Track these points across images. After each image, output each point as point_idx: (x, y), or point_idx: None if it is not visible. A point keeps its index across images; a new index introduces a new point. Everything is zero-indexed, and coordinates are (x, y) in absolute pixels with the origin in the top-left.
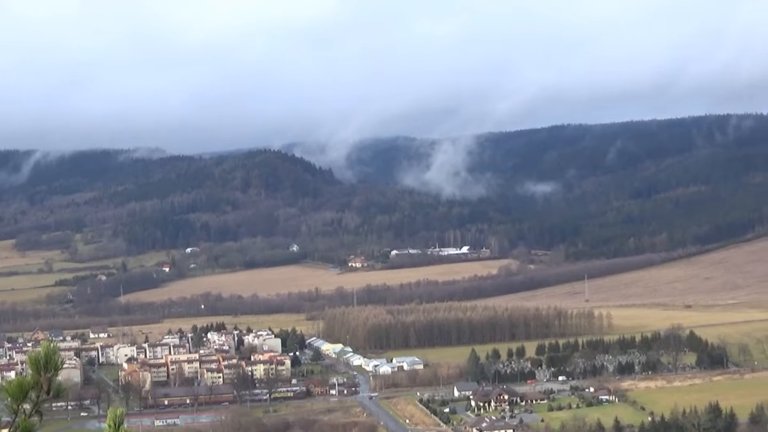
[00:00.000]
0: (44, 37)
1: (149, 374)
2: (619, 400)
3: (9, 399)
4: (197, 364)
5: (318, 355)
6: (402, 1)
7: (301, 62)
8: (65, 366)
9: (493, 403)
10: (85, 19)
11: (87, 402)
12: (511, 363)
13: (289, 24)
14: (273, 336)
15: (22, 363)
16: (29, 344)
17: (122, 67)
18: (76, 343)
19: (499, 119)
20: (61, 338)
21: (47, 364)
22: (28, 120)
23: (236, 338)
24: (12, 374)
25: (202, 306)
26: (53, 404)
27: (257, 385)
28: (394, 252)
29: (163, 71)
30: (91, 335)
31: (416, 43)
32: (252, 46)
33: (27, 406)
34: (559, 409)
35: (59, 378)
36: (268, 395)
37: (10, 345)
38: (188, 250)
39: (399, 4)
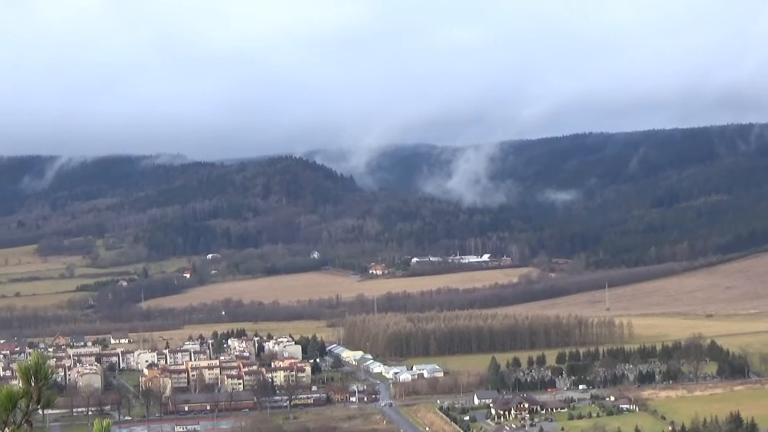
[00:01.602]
0: (69, 43)
1: (170, 380)
2: (639, 410)
3: None
4: (218, 371)
5: (338, 362)
6: (427, 8)
7: (326, 69)
8: (86, 371)
9: (513, 412)
10: (110, 26)
11: (107, 407)
12: (531, 371)
13: (314, 30)
14: (293, 343)
15: None
16: (50, 349)
17: (146, 73)
18: (97, 349)
19: (521, 127)
20: (82, 344)
21: (37, 374)
22: (53, 125)
23: (257, 345)
24: None
25: (223, 312)
26: (74, 409)
27: (277, 391)
28: (414, 259)
29: (187, 77)
30: (112, 341)
31: (441, 50)
32: (276, 52)
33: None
34: (580, 418)
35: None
36: (288, 402)
37: (31, 350)
38: (209, 256)
39: (424, 11)
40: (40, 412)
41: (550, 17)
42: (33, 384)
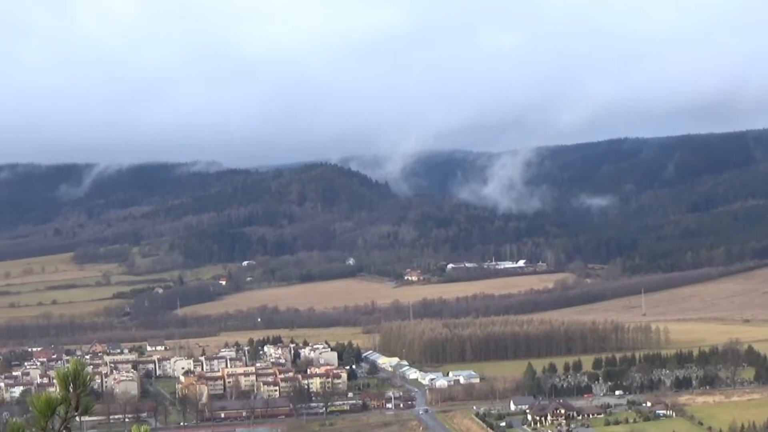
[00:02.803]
0: (107, 51)
1: (206, 387)
2: (676, 415)
3: (37, 415)
4: (254, 378)
5: (374, 368)
6: (465, 12)
7: (362, 74)
8: (123, 379)
9: (549, 417)
10: (147, 33)
11: (144, 414)
12: (567, 377)
13: (351, 36)
14: (329, 349)
15: None
16: (87, 357)
17: (183, 81)
18: (133, 356)
19: (559, 132)
20: (118, 351)
21: (76, 381)
22: (91, 133)
23: (293, 351)
24: None
25: (259, 319)
26: (110, 416)
27: (313, 398)
28: (450, 265)
29: (224, 84)
30: (149, 348)
31: (478, 54)
32: (313, 58)
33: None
34: (616, 423)
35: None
36: (324, 408)
37: (68, 358)
38: (245, 263)
39: (462, 16)
40: (78, 418)
41: (589, 22)
42: (71, 391)
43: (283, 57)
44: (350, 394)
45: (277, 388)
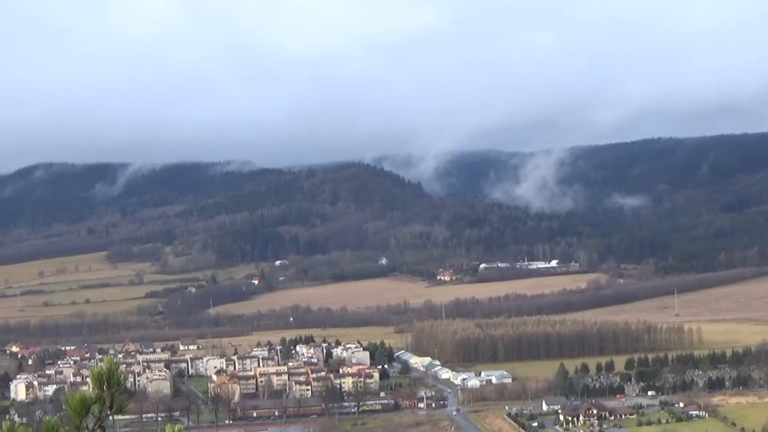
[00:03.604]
0: (142, 51)
1: (238, 386)
2: (709, 416)
3: (72, 413)
4: (286, 377)
5: (406, 368)
6: (501, 12)
7: (397, 75)
8: (156, 377)
9: (581, 418)
10: (183, 33)
11: (176, 413)
12: (599, 377)
13: (386, 36)
14: (361, 349)
15: None
16: (120, 355)
17: (219, 80)
18: (166, 355)
19: (592, 132)
20: (151, 350)
21: (110, 380)
22: (126, 133)
23: (325, 351)
24: None
25: (291, 318)
26: (143, 415)
27: (345, 397)
28: (482, 265)
29: (259, 84)
30: (181, 347)
31: (514, 55)
32: (348, 58)
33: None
34: (649, 424)
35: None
36: (356, 408)
37: (101, 356)
38: (277, 262)
39: (498, 16)
40: (111, 417)
41: (624, 21)
42: (106, 390)
43: (319, 56)
44: (382, 394)
45: (309, 387)
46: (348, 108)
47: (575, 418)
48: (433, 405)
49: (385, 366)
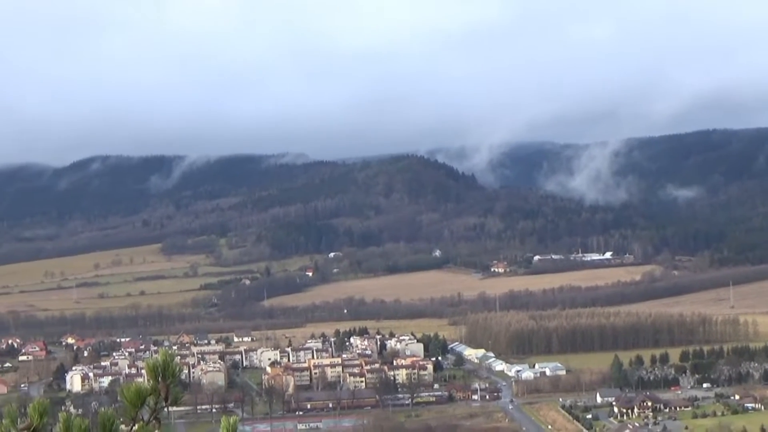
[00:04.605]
0: (198, 43)
1: (292, 378)
2: (765, 408)
3: (127, 405)
4: (340, 369)
5: (460, 360)
6: (558, 3)
7: (456, 68)
8: (210, 369)
9: (636, 410)
10: (239, 25)
11: (231, 405)
12: (654, 369)
13: (444, 28)
14: (415, 341)
15: None
16: (175, 347)
17: (274, 73)
18: (220, 347)
19: (648, 124)
20: (205, 342)
21: (165, 371)
22: (182, 126)
23: (379, 343)
24: None
25: (345, 310)
26: (198, 407)
27: (399, 389)
28: (536, 257)
29: (315, 76)
30: (235, 339)
31: (571, 46)
32: (405, 51)
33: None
34: (704, 416)
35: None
36: (410, 400)
37: (156, 348)
38: (331, 254)
39: (555, 7)
40: (166, 409)
41: (682, 12)
42: (161, 381)
43: (376, 50)
44: (436, 386)
45: (363, 379)
46: (403, 101)
47: (630, 411)
48: (487, 397)
49: (439, 358)
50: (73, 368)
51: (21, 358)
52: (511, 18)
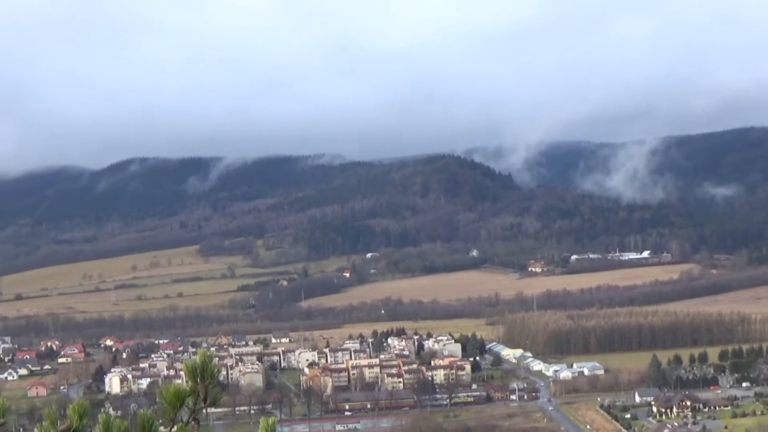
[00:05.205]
0: (235, 46)
1: (330, 379)
2: None
3: (166, 406)
4: (378, 369)
5: (498, 360)
6: (598, 2)
7: (493, 68)
8: (248, 371)
9: (675, 409)
10: (277, 27)
11: (269, 406)
12: (693, 369)
13: (483, 27)
14: (453, 341)
15: None
16: (213, 349)
17: (312, 74)
18: (258, 348)
19: (685, 122)
20: (243, 343)
21: (204, 372)
22: (219, 127)
23: (416, 343)
24: None
25: (383, 311)
26: (236, 408)
27: (437, 390)
28: (574, 257)
29: (353, 78)
30: (273, 340)
31: (610, 44)
32: (441, 51)
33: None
34: (743, 415)
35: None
36: (448, 400)
37: (194, 350)
38: (368, 255)
39: (595, 6)
40: (205, 410)
41: (720, 9)
42: (200, 382)
43: (411, 49)
44: (474, 386)
45: (401, 379)
46: (440, 100)
47: (668, 410)
48: (525, 397)
49: (477, 358)
50: (112, 370)
51: (60, 360)
52: (548, 17)
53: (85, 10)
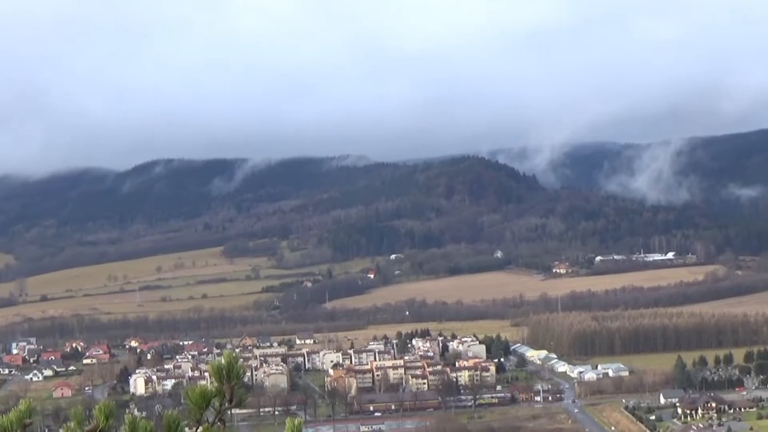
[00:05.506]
0: (262, 46)
1: (355, 380)
2: None
3: (192, 407)
4: (402, 371)
5: (522, 361)
6: (624, 4)
7: (517, 69)
8: (273, 372)
9: (700, 411)
10: (301, 28)
11: (293, 407)
12: (718, 370)
13: (506, 29)
14: (477, 342)
15: None
16: (237, 350)
17: (337, 75)
18: (282, 349)
19: (710, 123)
20: (268, 344)
21: (230, 373)
22: (245, 129)
23: (441, 344)
24: None
25: (407, 312)
26: (260, 409)
27: (462, 391)
28: (598, 258)
29: (377, 78)
30: (298, 341)
31: (635, 46)
32: (467, 51)
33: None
34: None
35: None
36: (472, 401)
37: (219, 351)
38: (393, 256)
39: (621, 8)
40: (230, 411)
41: (746, 11)
42: (225, 383)
43: (435, 51)
44: (498, 387)
45: (425, 381)
46: (464, 101)
47: (693, 412)
48: (550, 398)
49: (502, 359)
50: (137, 371)
51: (85, 361)
52: (573, 18)
53: (109, 11)
